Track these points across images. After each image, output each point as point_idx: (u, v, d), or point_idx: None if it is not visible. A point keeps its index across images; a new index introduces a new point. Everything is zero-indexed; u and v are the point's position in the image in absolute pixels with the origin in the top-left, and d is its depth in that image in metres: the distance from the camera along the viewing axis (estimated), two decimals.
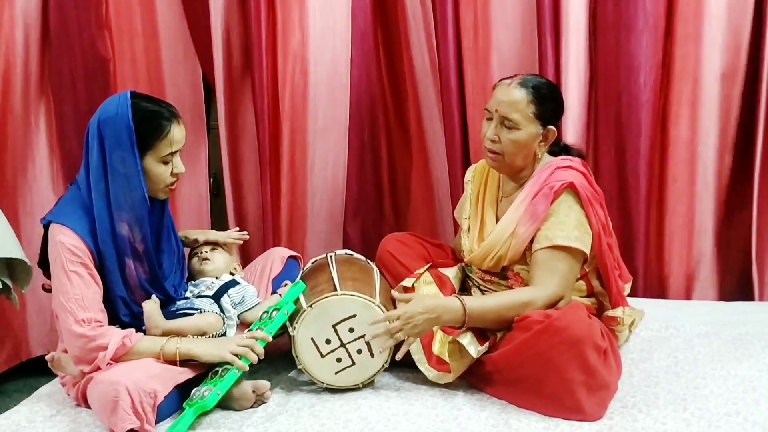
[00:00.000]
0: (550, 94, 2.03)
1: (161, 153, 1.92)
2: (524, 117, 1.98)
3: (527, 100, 1.98)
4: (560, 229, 1.95)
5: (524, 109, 1.98)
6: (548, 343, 1.78)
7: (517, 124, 1.99)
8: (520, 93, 1.99)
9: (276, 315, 1.97)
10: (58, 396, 1.99)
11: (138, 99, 1.93)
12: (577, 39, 2.49)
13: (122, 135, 1.86)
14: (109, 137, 1.87)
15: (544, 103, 2.00)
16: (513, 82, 2.01)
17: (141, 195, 1.90)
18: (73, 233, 1.85)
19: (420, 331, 1.88)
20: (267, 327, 1.95)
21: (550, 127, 2.03)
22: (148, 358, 1.85)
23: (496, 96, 2.03)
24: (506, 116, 1.99)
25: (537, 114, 1.99)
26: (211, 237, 2.28)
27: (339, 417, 1.84)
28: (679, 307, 2.51)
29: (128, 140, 1.86)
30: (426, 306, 1.88)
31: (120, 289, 1.94)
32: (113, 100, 1.92)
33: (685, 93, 2.50)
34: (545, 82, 2.07)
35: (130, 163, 1.87)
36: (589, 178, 2.04)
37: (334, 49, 2.64)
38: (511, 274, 2.08)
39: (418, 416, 1.83)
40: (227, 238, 2.29)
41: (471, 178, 2.27)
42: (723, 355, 2.09)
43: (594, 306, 2.09)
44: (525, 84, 2.00)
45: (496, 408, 1.87)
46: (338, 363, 1.97)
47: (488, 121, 2.05)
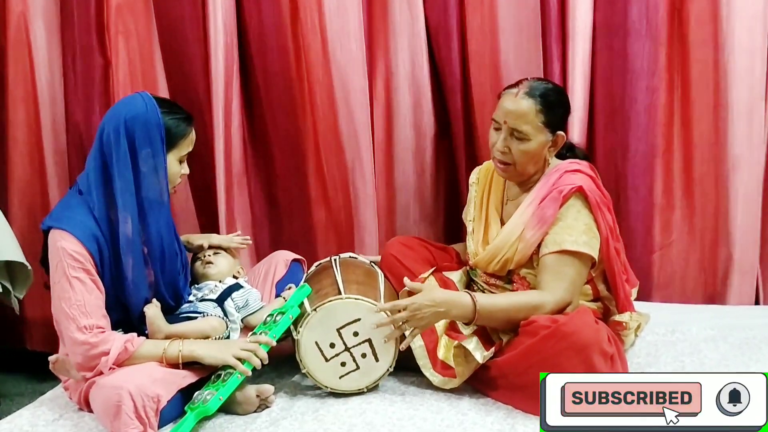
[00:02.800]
0: (557, 100, 2.01)
1: (182, 152, 1.96)
2: (534, 128, 1.96)
3: (536, 109, 1.96)
4: (569, 234, 1.94)
5: (533, 119, 1.96)
6: (555, 349, 1.77)
7: (528, 135, 1.96)
8: (528, 103, 1.96)
9: (280, 319, 1.96)
10: (60, 400, 1.98)
11: (158, 100, 1.94)
12: (584, 42, 2.48)
13: (153, 132, 1.88)
14: (139, 135, 1.87)
15: (553, 110, 1.98)
16: (520, 92, 1.98)
17: (165, 192, 1.93)
18: (74, 238, 1.83)
19: (426, 323, 1.88)
20: (271, 331, 1.94)
21: (560, 132, 2.01)
22: (151, 362, 1.84)
23: (503, 106, 2.00)
24: (516, 128, 1.96)
25: (546, 122, 1.97)
26: (215, 241, 2.27)
27: (343, 422, 1.83)
28: (685, 311, 2.49)
29: (159, 137, 1.89)
30: (434, 299, 1.87)
31: (123, 293, 1.93)
32: (135, 100, 1.93)
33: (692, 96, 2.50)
34: (552, 87, 2.04)
35: (159, 160, 1.90)
36: (597, 182, 2.03)
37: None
38: (517, 278, 2.06)
39: (424, 421, 1.82)
40: (230, 242, 2.28)
41: (476, 180, 2.26)
42: (730, 360, 2.08)
43: (600, 310, 2.08)
44: (532, 93, 1.97)
45: (501, 413, 1.86)
46: (342, 367, 1.96)
47: (496, 131, 2.02)
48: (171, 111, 1.95)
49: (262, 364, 1.88)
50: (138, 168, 1.89)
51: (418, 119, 2.65)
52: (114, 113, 1.92)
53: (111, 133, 1.88)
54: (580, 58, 2.48)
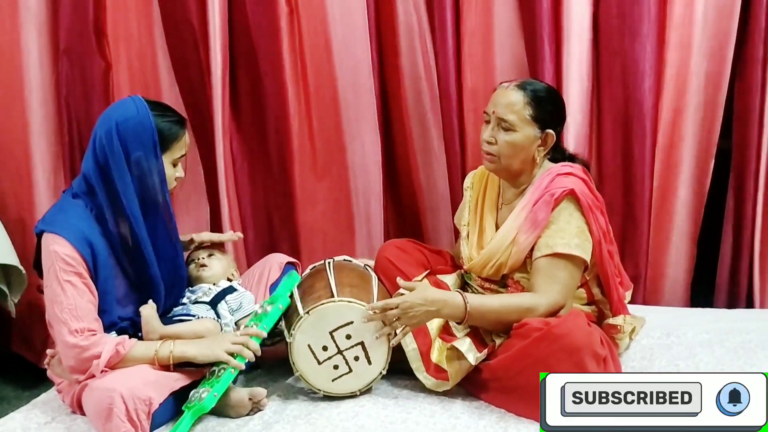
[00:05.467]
0: (548, 98, 2.02)
1: (175, 155, 1.96)
2: (520, 119, 1.97)
3: (524, 102, 1.97)
4: (561, 237, 1.93)
5: (520, 110, 1.97)
6: (547, 351, 1.77)
7: (513, 125, 1.98)
8: (517, 95, 1.98)
9: (270, 309, 1.96)
10: (53, 403, 1.98)
11: (149, 103, 1.94)
12: (580, 45, 2.48)
13: (145, 136, 1.88)
14: (130, 138, 1.87)
15: (542, 105, 1.99)
16: (511, 85, 2.01)
17: (162, 195, 1.93)
18: (66, 242, 1.83)
19: (418, 322, 1.88)
20: (262, 322, 1.94)
21: (549, 131, 2.01)
22: (144, 365, 1.84)
23: (494, 98, 2.03)
24: (502, 117, 1.98)
25: (534, 116, 1.98)
26: (205, 237, 2.27)
27: (336, 425, 1.83)
28: (681, 314, 2.48)
29: (151, 141, 1.89)
30: (426, 297, 1.87)
31: (117, 295, 1.93)
32: (127, 103, 1.93)
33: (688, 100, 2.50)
34: (545, 86, 2.06)
35: (153, 163, 1.90)
36: (590, 185, 2.02)
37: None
38: (511, 282, 2.06)
39: (416, 424, 1.82)
40: (220, 237, 2.29)
41: (470, 185, 2.26)
42: (725, 364, 2.07)
43: (594, 314, 2.07)
44: (523, 87, 2.00)
45: (494, 416, 1.85)
46: (335, 370, 1.96)
47: (486, 124, 2.04)
48: (163, 114, 1.94)
49: (255, 360, 1.88)
50: (132, 171, 1.89)
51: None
52: (105, 117, 1.92)
53: (103, 137, 1.88)
54: (576, 62, 2.48)
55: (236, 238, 2.32)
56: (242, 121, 2.74)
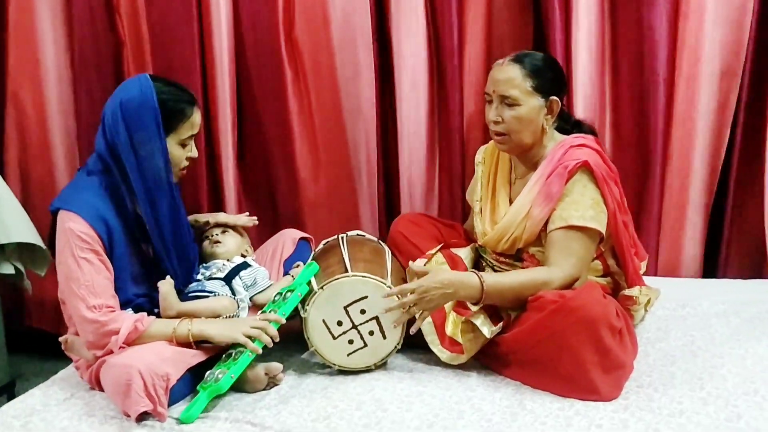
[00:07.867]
0: (545, 65, 2.00)
1: (182, 136, 1.95)
2: (522, 92, 1.96)
3: (523, 74, 1.96)
4: (575, 209, 1.92)
5: (521, 83, 1.95)
6: (562, 323, 1.76)
7: (517, 99, 1.96)
8: (515, 68, 1.97)
9: (290, 296, 1.96)
10: (72, 380, 1.99)
11: (158, 82, 1.93)
12: (588, 14, 2.45)
13: (147, 117, 1.87)
14: (133, 119, 1.87)
15: (541, 74, 1.97)
16: (506, 61, 1.99)
17: (166, 175, 1.92)
18: (82, 220, 1.84)
19: (435, 305, 1.87)
20: (281, 309, 1.94)
21: (553, 97, 1.99)
22: (161, 341, 1.85)
23: (492, 77, 2.01)
24: (504, 94, 1.96)
25: (535, 87, 1.96)
26: (221, 219, 2.28)
27: (352, 399, 1.84)
28: (696, 285, 2.48)
29: (153, 122, 1.87)
30: (442, 280, 1.86)
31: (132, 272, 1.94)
32: (133, 83, 1.93)
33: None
34: (540, 55, 2.04)
35: (156, 144, 1.89)
36: (603, 156, 2.00)
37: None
38: (527, 255, 2.05)
39: (432, 397, 1.82)
40: (237, 220, 2.29)
41: (481, 160, 2.24)
42: (741, 334, 2.07)
43: (609, 285, 2.07)
44: (519, 59, 1.98)
45: (510, 389, 1.86)
46: (350, 345, 1.96)
47: (489, 105, 2.03)
48: (171, 93, 1.93)
49: (273, 342, 1.88)
50: (137, 151, 1.89)
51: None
52: (113, 97, 1.92)
53: (110, 116, 1.89)
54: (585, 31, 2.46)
55: (251, 224, 2.32)
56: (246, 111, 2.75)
